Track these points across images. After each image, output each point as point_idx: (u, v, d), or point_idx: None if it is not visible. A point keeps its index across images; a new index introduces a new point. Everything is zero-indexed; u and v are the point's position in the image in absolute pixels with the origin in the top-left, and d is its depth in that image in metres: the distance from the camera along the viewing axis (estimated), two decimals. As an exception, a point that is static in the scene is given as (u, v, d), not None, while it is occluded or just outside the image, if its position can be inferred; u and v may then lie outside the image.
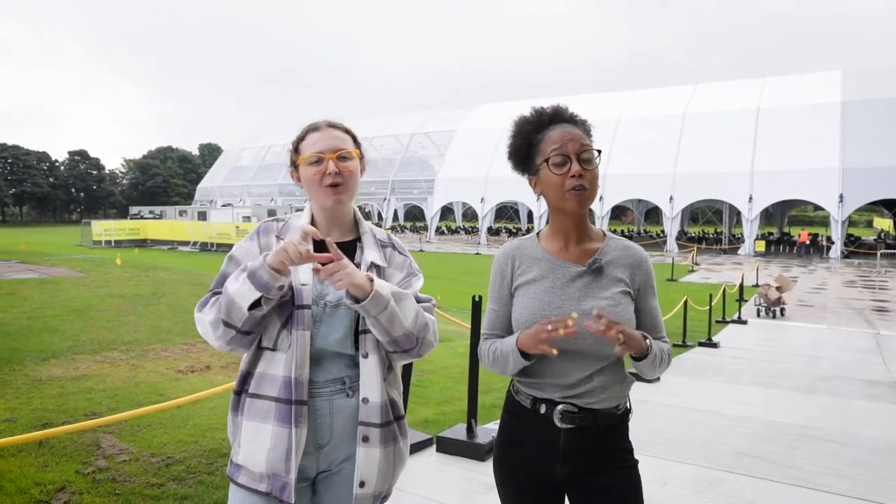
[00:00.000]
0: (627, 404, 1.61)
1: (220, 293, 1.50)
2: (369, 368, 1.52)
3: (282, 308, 1.48)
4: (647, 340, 1.47)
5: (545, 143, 1.53)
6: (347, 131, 1.62)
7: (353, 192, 1.59)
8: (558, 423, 1.52)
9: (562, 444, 1.52)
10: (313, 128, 1.60)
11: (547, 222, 1.66)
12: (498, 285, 1.63)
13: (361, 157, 1.64)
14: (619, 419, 1.57)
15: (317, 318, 1.50)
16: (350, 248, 1.61)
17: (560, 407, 1.52)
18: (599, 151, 1.54)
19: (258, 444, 1.46)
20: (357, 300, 1.41)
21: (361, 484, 1.51)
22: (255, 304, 1.40)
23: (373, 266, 1.57)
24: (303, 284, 1.49)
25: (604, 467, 1.53)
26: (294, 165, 1.62)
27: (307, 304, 1.48)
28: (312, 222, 1.61)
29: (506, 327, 1.61)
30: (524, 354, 1.49)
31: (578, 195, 1.50)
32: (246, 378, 1.53)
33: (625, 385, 1.58)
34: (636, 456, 1.61)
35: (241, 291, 1.39)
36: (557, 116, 1.56)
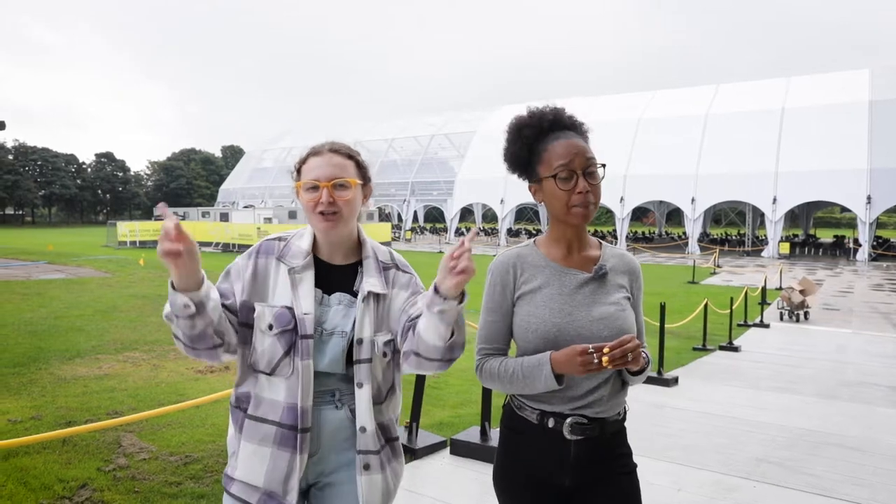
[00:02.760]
0: (626, 407, 1.63)
1: None
2: (363, 398, 1.51)
3: (283, 336, 1.47)
4: (644, 356, 1.48)
5: (550, 154, 1.50)
6: (350, 156, 1.57)
7: (349, 219, 1.54)
8: (568, 436, 1.50)
9: (572, 457, 1.51)
10: (315, 152, 1.56)
11: None
12: (498, 294, 1.58)
13: (366, 184, 1.59)
14: (621, 424, 1.59)
15: (316, 343, 1.50)
16: (351, 272, 1.58)
17: (570, 419, 1.50)
18: (604, 165, 1.53)
19: (256, 464, 1.48)
20: (445, 297, 1.33)
21: None
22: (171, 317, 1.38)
23: (370, 295, 1.53)
24: (305, 314, 1.48)
25: (606, 474, 1.54)
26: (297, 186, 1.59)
27: (310, 334, 1.47)
28: (314, 244, 1.57)
29: (506, 339, 1.58)
30: (559, 380, 1.45)
31: (583, 211, 1.50)
32: (242, 398, 1.54)
33: (624, 390, 1.59)
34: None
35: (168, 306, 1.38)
36: (557, 123, 1.54)
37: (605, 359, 1.37)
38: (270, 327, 1.48)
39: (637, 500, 1.55)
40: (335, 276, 1.56)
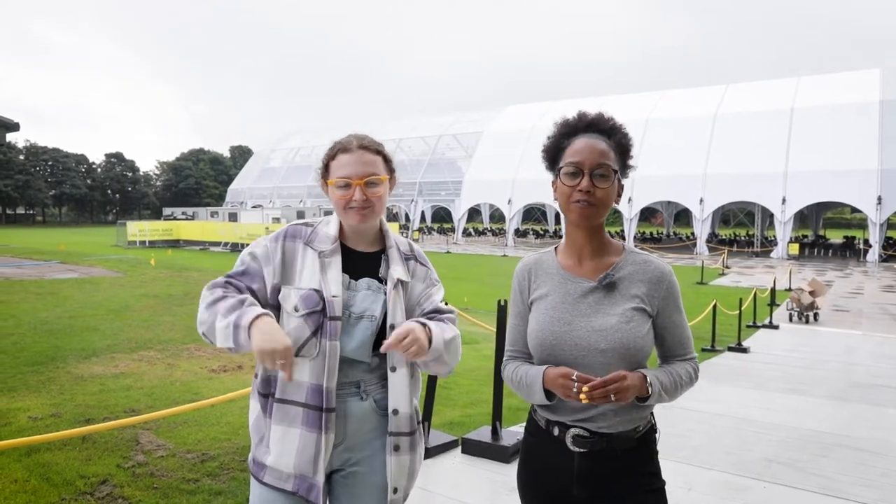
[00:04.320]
0: (651, 424, 1.56)
1: (230, 283, 1.53)
2: (398, 381, 1.57)
3: (311, 317, 1.51)
4: (647, 382, 1.43)
5: (568, 150, 1.52)
6: (378, 152, 1.61)
7: (379, 214, 1.61)
8: (571, 447, 1.50)
9: (576, 468, 1.50)
10: (344, 148, 1.59)
11: None
12: (517, 300, 1.63)
13: (391, 176, 1.65)
14: (637, 442, 1.51)
15: (343, 325, 1.54)
16: (375, 260, 1.64)
17: (572, 431, 1.49)
18: (616, 171, 1.50)
19: (286, 446, 1.51)
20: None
21: (395, 490, 1.58)
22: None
23: (399, 283, 1.60)
24: (333, 296, 1.52)
25: (625, 492, 1.49)
26: (324, 180, 1.63)
27: (338, 316, 1.52)
28: (340, 231, 1.63)
29: (527, 342, 1.60)
30: (549, 396, 1.48)
31: (582, 209, 1.48)
32: (269, 382, 1.56)
33: (643, 406, 1.50)
34: (658, 460, 1.57)
35: (221, 332, 1.43)
36: (594, 125, 1.53)
37: (582, 395, 1.36)
38: (296, 309, 1.51)
39: None
40: (360, 263, 1.61)
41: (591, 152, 1.48)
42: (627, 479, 1.50)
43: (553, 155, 1.57)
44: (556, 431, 1.52)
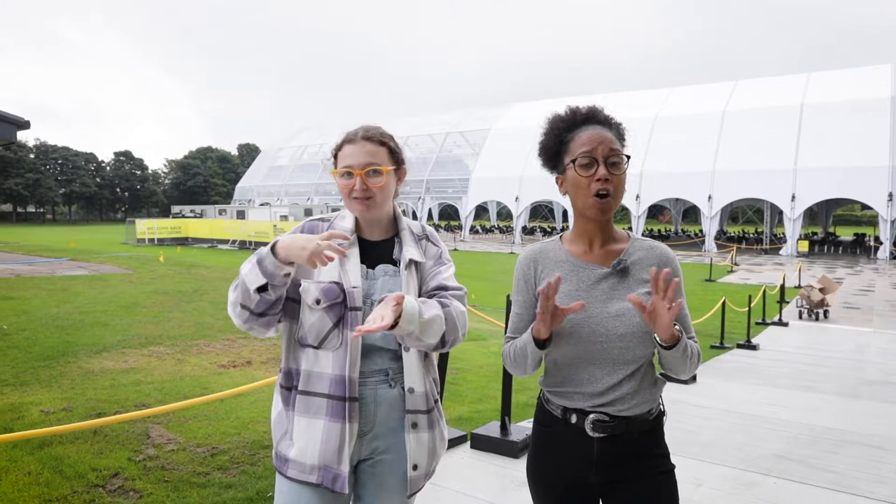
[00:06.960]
0: (661, 407, 1.57)
1: None
2: (411, 361, 1.59)
3: (332, 309, 1.54)
4: (676, 326, 1.42)
5: (575, 143, 1.51)
6: (383, 143, 1.63)
7: (383, 203, 1.62)
8: (590, 433, 1.49)
9: (595, 454, 1.49)
10: (349, 139, 1.63)
11: None
12: (522, 289, 1.61)
13: (399, 167, 1.66)
14: (652, 424, 1.53)
15: (364, 315, 1.56)
16: (389, 245, 1.67)
17: (591, 416, 1.49)
18: (629, 157, 1.51)
19: (311, 438, 1.53)
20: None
21: (414, 467, 1.59)
22: (263, 289, 1.45)
23: (411, 262, 1.62)
24: (353, 287, 1.54)
25: (639, 474, 1.50)
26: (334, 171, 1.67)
27: (359, 307, 1.54)
28: (356, 223, 1.66)
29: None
30: (539, 343, 1.45)
31: (601, 203, 1.47)
32: (291, 375, 1.59)
33: (656, 388, 1.54)
34: (671, 457, 1.57)
35: (249, 276, 1.46)
36: (592, 117, 1.53)
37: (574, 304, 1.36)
38: (318, 302, 1.54)
39: (673, 501, 1.51)
40: (376, 252, 1.63)
41: (601, 141, 1.48)
42: (642, 461, 1.50)
43: (554, 151, 1.56)
44: (573, 419, 1.51)
